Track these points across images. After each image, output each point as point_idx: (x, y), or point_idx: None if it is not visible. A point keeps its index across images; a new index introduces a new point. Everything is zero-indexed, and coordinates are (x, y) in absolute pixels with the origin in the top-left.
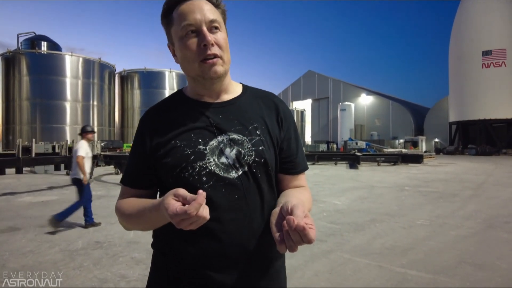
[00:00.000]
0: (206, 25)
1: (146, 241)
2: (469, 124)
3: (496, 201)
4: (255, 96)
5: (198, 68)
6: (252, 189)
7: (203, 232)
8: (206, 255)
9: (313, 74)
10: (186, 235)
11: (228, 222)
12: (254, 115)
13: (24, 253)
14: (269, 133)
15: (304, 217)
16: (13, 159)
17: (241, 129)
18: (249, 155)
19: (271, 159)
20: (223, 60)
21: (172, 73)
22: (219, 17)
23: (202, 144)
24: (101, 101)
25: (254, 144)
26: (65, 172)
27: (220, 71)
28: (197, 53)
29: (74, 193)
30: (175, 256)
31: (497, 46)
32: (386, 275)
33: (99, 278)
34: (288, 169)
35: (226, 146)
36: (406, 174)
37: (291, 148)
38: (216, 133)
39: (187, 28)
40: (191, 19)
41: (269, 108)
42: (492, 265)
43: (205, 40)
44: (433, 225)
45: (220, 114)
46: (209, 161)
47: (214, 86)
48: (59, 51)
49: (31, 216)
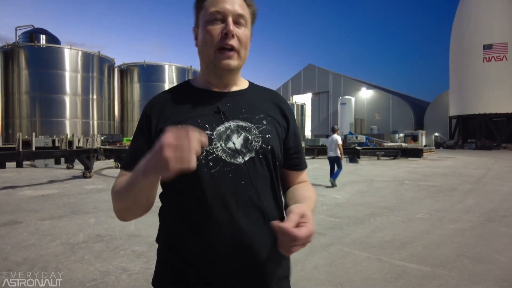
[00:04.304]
0: (233, 17)
1: (147, 234)
2: (469, 118)
3: (495, 195)
4: (260, 91)
5: (213, 55)
6: (259, 175)
7: (212, 219)
8: (217, 241)
9: (314, 68)
10: (196, 224)
11: (235, 207)
12: (261, 107)
13: (25, 246)
14: (275, 125)
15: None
16: (13, 153)
17: (248, 117)
18: (256, 141)
19: (277, 149)
20: (239, 55)
21: (172, 66)
22: (248, 15)
23: (209, 129)
24: (101, 95)
25: (261, 132)
26: (65, 166)
27: (233, 65)
28: (217, 40)
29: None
30: (180, 248)
31: (499, 40)
32: (385, 268)
33: (101, 271)
34: (294, 166)
35: (233, 132)
36: (405, 168)
37: (297, 145)
38: (224, 119)
39: (214, 14)
40: (220, 7)
41: (274, 105)
42: (491, 258)
43: (227, 28)
44: (432, 218)
45: (228, 102)
46: (216, 146)
47: (224, 77)
48: (58, 45)
49: (32, 209)
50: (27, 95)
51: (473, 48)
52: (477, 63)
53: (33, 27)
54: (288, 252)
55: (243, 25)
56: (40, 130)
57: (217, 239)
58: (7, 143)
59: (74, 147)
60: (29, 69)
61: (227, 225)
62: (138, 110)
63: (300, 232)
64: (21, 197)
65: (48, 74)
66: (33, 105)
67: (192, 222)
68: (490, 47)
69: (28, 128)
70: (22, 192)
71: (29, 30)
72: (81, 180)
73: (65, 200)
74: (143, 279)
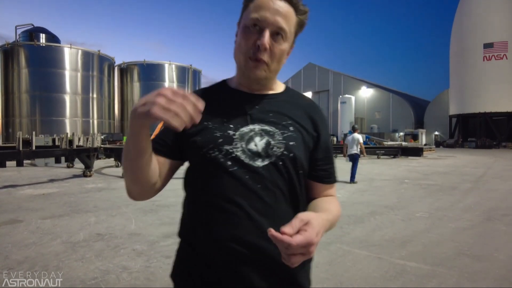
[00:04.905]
0: (271, 29)
1: (147, 233)
2: (469, 117)
3: (495, 194)
4: (295, 97)
5: (243, 61)
6: (277, 181)
7: (225, 216)
8: (227, 239)
9: (314, 66)
10: (209, 221)
11: (249, 209)
12: (290, 114)
13: (26, 245)
14: (302, 135)
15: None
16: (14, 152)
17: (275, 122)
18: (278, 147)
19: (301, 158)
20: (269, 67)
21: (172, 65)
22: (291, 27)
23: (232, 129)
24: (101, 94)
25: (285, 138)
26: (66, 164)
27: (261, 76)
28: (249, 48)
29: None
30: (193, 242)
31: (499, 38)
32: (385, 267)
33: (101, 269)
34: (321, 178)
35: (256, 134)
36: (405, 167)
37: (327, 158)
38: (249, 121)
39: (253, 21)
40: (261, 16)
41: (306, 114)
42: (490, 257)
43: (260, 41)
44: (432, 217)
45: (256, 105)
46: (236, 147)
47: (253, 84)
48: (58, 43)
49: (33, 208)
50: (27, 94)
51: (473, 46)
52: (477, 61)
53: (33, 26)
54: (288, 261)
55: (282, 38)
56: (40, 129)
57: (226, 238)
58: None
59: (74, 146)
60: (29, 68)
61: (239, 226)
62: None
63: (294, 240)
64: (21, 196)
65: (48, 73)
66: (33, 104)
67: (205, 217)
68: (490, 45)
69: (28, 127)
70: (23, 191)
71: (29, 29)
72: (82, 179)
73: (65, 199)
74: (143, 277)
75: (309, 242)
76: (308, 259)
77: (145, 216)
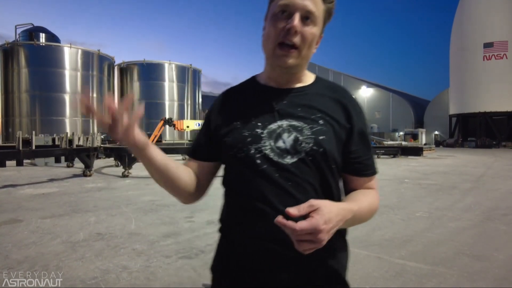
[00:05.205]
0: (301, 13)
1: (147, 232)
2: (469, 116)
3: (495, 194)
4: (325, 88)
5: (272, 50)
6: (308, 177)
7: (257, 214)
8: (260, 237)
9: (313, 66)
10: (240, 218)
11: (281, 207)
12: (320, 106)
13: (26, 244)
14: (333, 127)
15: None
16: (14, 151)
17: (303, 116)
18: (306, 143)
19: (332, 152)
20: (300, 53)
21: (172, 64)
22: (320, 12)
23: (260, 127)
24: (101, 93)
25: (314, 133)
26: (65, 164)
27: (291, 63)
28: (279, 34)
29: (74, 185)
30: (228, 235)
31: (499, 38)
32: (385, 266)
33: (101, 269)
34: (358, 171)
35: (284, 131)
36: (405, 167)
37: (362, 149)
38: (277, 118)
39: (282, 7)
40: (290, 1)
41: (338, 104)
42: (490, 256)
43: (290, 24)
44: (432, 217)
45: (285, 100)
46: (265, 145)
47: (282, 75)
48: (57, 43)
49: (33, 208)
50: (27, 94)
51: (473, 46)
52: (477, 61)
53: (32, 26)
54: (297, 247)
55: (312, 22)
56: (40, 128)
57: (259, 236)
58: (7, 141)
59: (74, 145)
60: (28, 67)
61: (270, 224)
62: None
63: (297, 225)
64: (21, 195)
65: (48, 73)
66: (33, 104)
67: (238, 216)
68: (490, 45)
69: (28, 126)
70: (23, 190)
71: (29, 28)
72: (81, 179)
73: (65, 199)
74: (143, 277)
75: (315, 229)
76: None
77: (145, 215)
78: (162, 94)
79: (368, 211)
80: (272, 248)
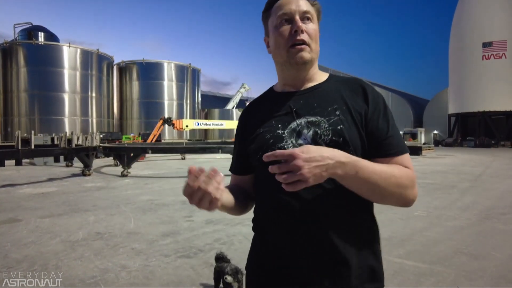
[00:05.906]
0: (299, 15)
1: (146, 231)
2: (468, 116)
3: (493, 193)
4: (339, 81)
5: (285, 54)
6: None
7: (284, 209)
8: (288, 231)
9: None
10: (270, 214)
11: (307, 200)
12: (335, 97)
13: (25, 243)
14: (351, 114)
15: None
16: (13, 151)
17: (319, 111)
18: (325, 135)
19: (353, 139)
20: (310, 48)
21: (171, 64)
22: (313, 11)
23: (281, 128)
24: (100, 93)
25: (331, 124)
26: (64, 164)
27: (307, 57)
28: (288, 39)
29: (74, 184)
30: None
31: (498, 37)
32: (383, 265)
33: (100, 268)
34: (384, 152)
35: (303, 128)
36: None
37: (383, 129)
38: (295, 117)
39: (282, 17)
40: (287, 9)
41: (353, 91)
42: (488, 255)
43: (296, 26)
44: (430, 216)
45: (301, 100)
46: (287, 143)
47: (299, 73)
48: (56, 42)
49: (32, 207)
50: (26, 93)
51: (472, 45)
52: (477, 60)
53: (31, 25)
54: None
55: (310, 20)
56: (39, 128)
57: (291, 226)
58: (6, 141)
59: (73, 145)
60: (27, 66)
61: (300, 214)
62: (137, 108)
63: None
64: (20, 195)
65: (46, 72)
66: (32, 103)
67: (266, 217)
68: (489, 44)
69: (27, 126)
70: (22, 190)
71: (27, 27)
72: (80, 178)
73: (64, 198)
74: (142, 276)
75: (291, 154)
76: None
77: (144, 215)
78: (161, 94)
79: (388, 178)
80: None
